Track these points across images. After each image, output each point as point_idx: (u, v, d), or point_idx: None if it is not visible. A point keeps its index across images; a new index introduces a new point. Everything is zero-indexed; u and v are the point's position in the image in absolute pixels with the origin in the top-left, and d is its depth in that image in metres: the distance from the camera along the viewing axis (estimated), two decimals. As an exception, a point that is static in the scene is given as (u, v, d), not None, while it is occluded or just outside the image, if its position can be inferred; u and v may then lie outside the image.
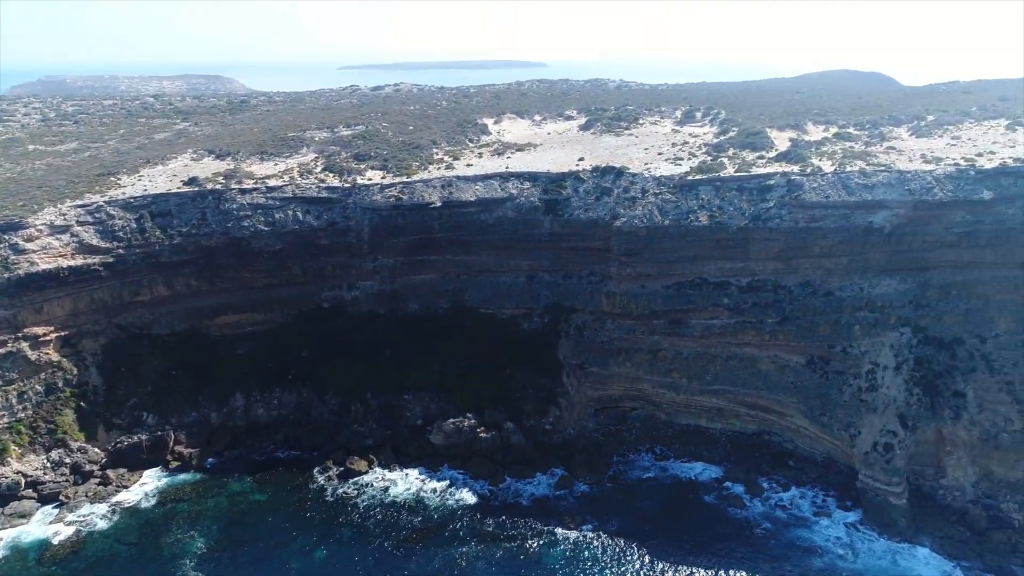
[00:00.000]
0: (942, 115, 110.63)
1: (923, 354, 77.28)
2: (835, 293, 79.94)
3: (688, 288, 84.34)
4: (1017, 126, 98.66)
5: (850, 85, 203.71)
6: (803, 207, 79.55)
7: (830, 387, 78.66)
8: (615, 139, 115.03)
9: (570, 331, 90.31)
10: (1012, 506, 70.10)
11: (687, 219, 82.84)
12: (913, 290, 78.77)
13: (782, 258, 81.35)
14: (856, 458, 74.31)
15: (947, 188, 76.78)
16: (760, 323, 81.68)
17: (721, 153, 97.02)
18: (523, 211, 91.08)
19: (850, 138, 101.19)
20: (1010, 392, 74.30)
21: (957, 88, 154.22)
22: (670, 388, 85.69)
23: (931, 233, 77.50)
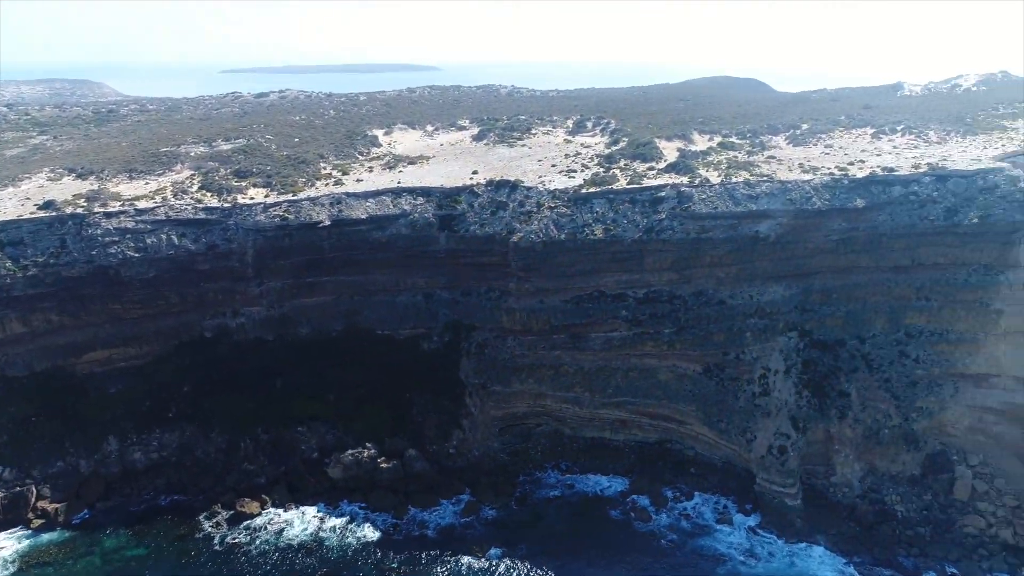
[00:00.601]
0: (815, 123, 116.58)
1: (810, 357, 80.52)
2: (727, 301, 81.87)
3: (587, 302, 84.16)
4: (881, 135, 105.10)
5: (729, 92, 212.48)
6: (693, 218, 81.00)
7: (726, 393, 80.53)
8: (509, 150, 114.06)
9: (471, 349, 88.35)
10: (895, 498, 74.04)
11: (583, 233, 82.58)
12: (798, 296, 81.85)
13: (676, 268, 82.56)
14: (753, 462, 76.40)
15: (824, 197, 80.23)
16: (658, 334, 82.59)
17: (613, 164, 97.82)
18: (417, 228, 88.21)
19: (733, 147, 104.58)
20: (888, 389, 78.63)
21: (825, 96, 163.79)
22: (573, 403, 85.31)
23: (812, 240, 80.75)
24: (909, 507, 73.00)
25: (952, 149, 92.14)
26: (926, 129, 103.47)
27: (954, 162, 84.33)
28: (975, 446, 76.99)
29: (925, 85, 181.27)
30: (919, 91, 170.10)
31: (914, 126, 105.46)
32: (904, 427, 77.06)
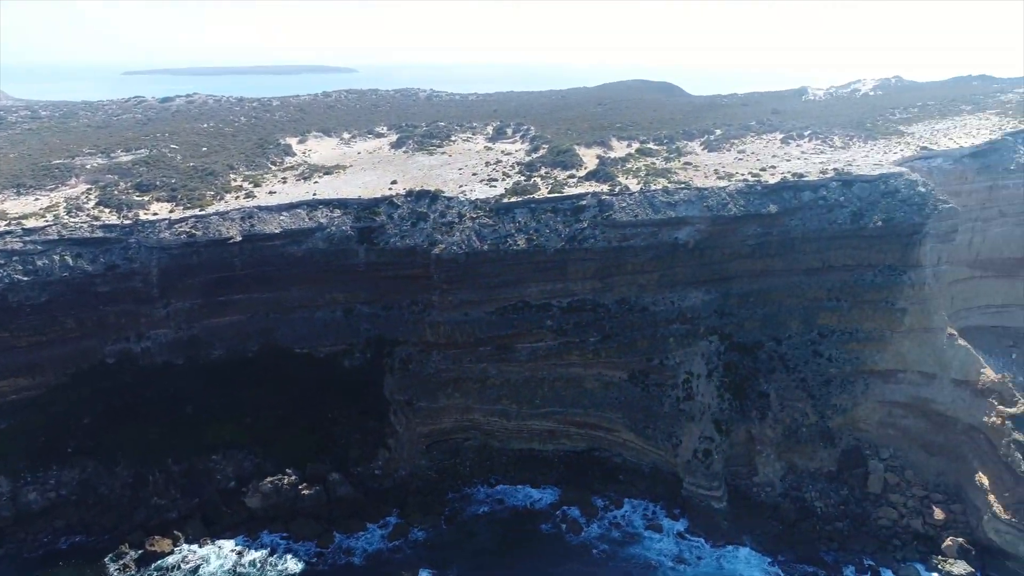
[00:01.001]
0: (728, 129, 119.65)
1: (730, 360, 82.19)
2: (650, 308, 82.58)
3: (511, 313, 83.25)
4: (790, 139, 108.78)
5: (645, 95, 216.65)
6: (615, 226, 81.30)
7: (651, 400, 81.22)
8: (428, 159, 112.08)
9: (395, 365, 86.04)
10: (814, 495, 76.36)
11: (505, 243, 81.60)
12: (717, 300, 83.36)
13: (599, 277, 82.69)
14: (680, 466, 77.27)
15: (739, 203, 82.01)
16: (583, 343, 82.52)
17: (534, 172, 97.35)
18: (335, 241, 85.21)
19: (651, 154, 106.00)
20: (804, 388, 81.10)
21: (736, 100, 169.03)
22: (501, 415, 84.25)
23: (729, 246, 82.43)
24: (828, 503, 75.43)
25: (856, 154, 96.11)
26: (831, 134, 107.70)
27: (858, 167, 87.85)
28: (886, 439, 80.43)
29: (827, 89, 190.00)
30: (822, 95, 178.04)
31: (820, 131, 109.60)
32: (820, 425, 79.64)
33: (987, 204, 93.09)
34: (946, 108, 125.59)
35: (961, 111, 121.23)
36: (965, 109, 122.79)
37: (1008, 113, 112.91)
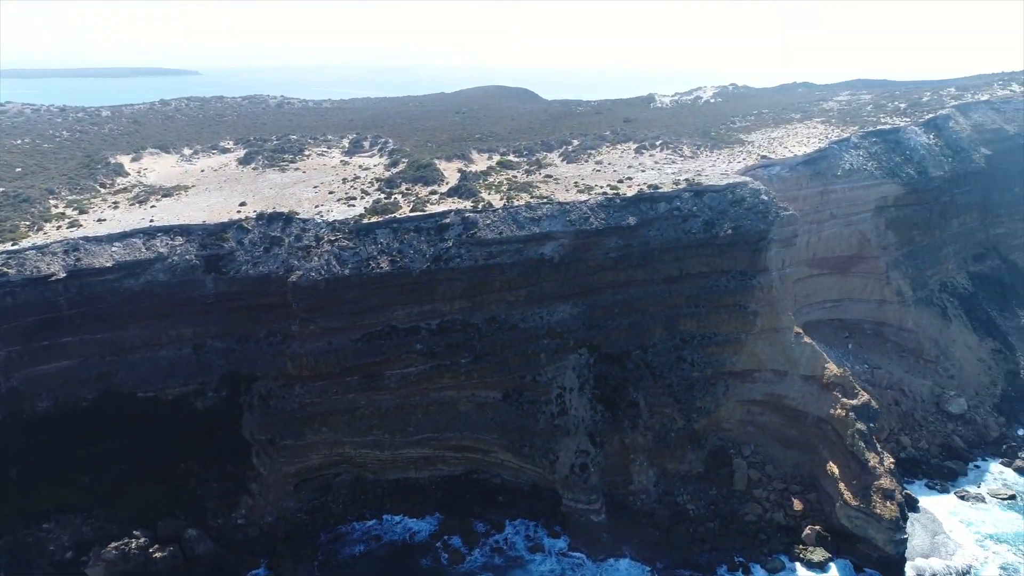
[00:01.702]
0: (584, 139, 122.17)
1: (601, 371, 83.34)
2: (519, 325, 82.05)
3: (379, 338, 79.86)
4: (643, 149, 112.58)
5: (503, 102, 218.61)
6: (480, 244, 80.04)
7: (526, 417, 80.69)
8: (280, 176, 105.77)
9: (254, 403, 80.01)
10: (686, 497, 78.95)
11: (368, 266, 78.12)
12: (585, 312, 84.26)
13: (467, 296, 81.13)
14: (558, 482, 77.25)
15: (600, 216, 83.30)
16: (455, 365, 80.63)
17: (394, 189, 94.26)
18: (178, 272, 77.87)
19: (512, 166, 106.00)
20: (671, 393, 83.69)
21: (590, 109, 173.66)
22: (373, 446, 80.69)
23: (592, 259, 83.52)
24: (699, 504, 78.25)
25: (704, 163, 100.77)
26: (680, 144, 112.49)
27: (707, 177, 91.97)
28: (747, 437, 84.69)
29: (673, 97, 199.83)
30: (669, 103, 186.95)
31: (670, 141, 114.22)
32: (688, 428, 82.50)
33: (820, 207, 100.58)
34: (779, 116, 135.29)
35: (792, 119, 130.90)
36: (795, 117, 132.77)
37: (831, 122, 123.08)
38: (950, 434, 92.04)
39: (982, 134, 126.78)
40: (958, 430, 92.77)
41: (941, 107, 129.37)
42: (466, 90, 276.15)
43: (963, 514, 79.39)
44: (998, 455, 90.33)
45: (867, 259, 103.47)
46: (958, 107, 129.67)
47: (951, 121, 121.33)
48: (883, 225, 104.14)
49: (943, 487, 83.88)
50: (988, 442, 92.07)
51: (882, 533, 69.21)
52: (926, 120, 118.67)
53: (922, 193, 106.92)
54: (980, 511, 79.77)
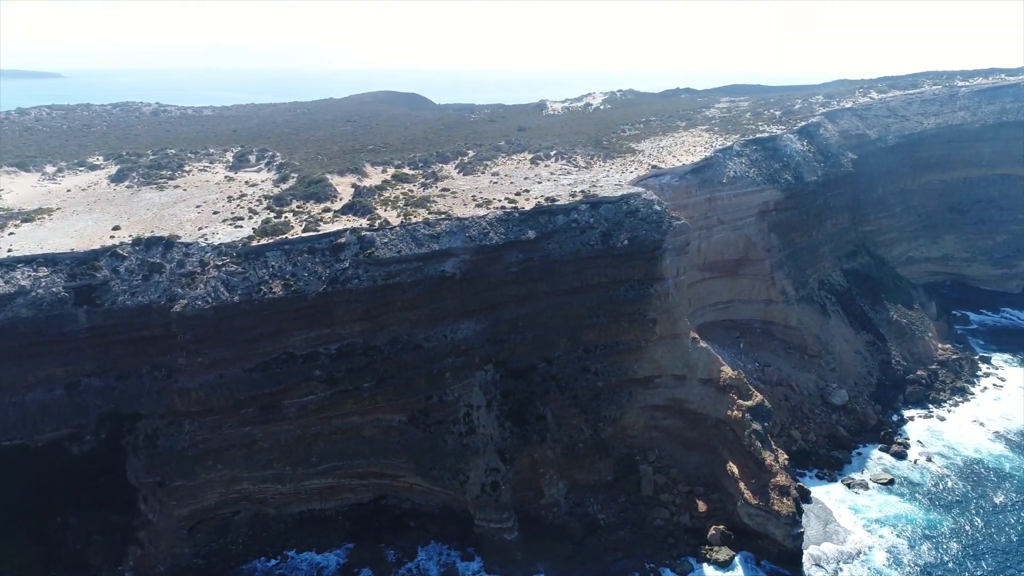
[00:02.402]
0: (479, 150, 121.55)
1: (507, 387, 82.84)
2: (423, 345, 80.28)
3: (275, 367, 75.91)
4: (539, 160, 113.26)
5: (394, 109, 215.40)
6: (379, 264, 77.73)
7: (434, 439, 79.05)
8: (158, 195, 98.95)
9: (139, 444, 74.18)
10: (597, 507, 79.78)
11: (259, 292, 74.13)
12: (489, 328, 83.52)
13: (367, 318, 78.53)
14: (470, 503, 76.12)
15: (500, 231, 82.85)
16: (357, 390, 77.87)
17: (285, 207, 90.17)
18: (45, 306, 71.12)
19: (408, 179, 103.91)
20: (577, 404, 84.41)
21: (484, 117, 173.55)
22: (274, 480, 76.71)
23: (494, 274, 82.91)
24: (609, 513, 79.26)
25: (598, 174, 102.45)
26: (574, 154, 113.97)
27: (602, 188, 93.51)
28: (652, 442, 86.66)
29: (564, 103, 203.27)
30: (560, 109, 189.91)
31: (564, 151, 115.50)
32: (595, 438, 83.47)
33: (708, 214, 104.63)
34: (666, 124, 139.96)
35: (678, 127, 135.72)
36: (680, 125, 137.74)
37: (714, 130, 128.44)
38: (835, 424, 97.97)
39: (848, 140, 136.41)
40: (841, 420, 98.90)
41: (812, 114, 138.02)
42: (356, 96, 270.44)
43: (850, 501, 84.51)
44: (877, 441, 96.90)
45: (753, 261, 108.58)
46: (826, 115, 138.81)
47: (821, 128, 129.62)
48: (766, 228, 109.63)
49: (831, 476, 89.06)
50: (868, 429, 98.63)
51: (781, 529, 72.53)
52: (799, 128, 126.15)
53: (799, 197, 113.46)
54: (865, 497, 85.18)
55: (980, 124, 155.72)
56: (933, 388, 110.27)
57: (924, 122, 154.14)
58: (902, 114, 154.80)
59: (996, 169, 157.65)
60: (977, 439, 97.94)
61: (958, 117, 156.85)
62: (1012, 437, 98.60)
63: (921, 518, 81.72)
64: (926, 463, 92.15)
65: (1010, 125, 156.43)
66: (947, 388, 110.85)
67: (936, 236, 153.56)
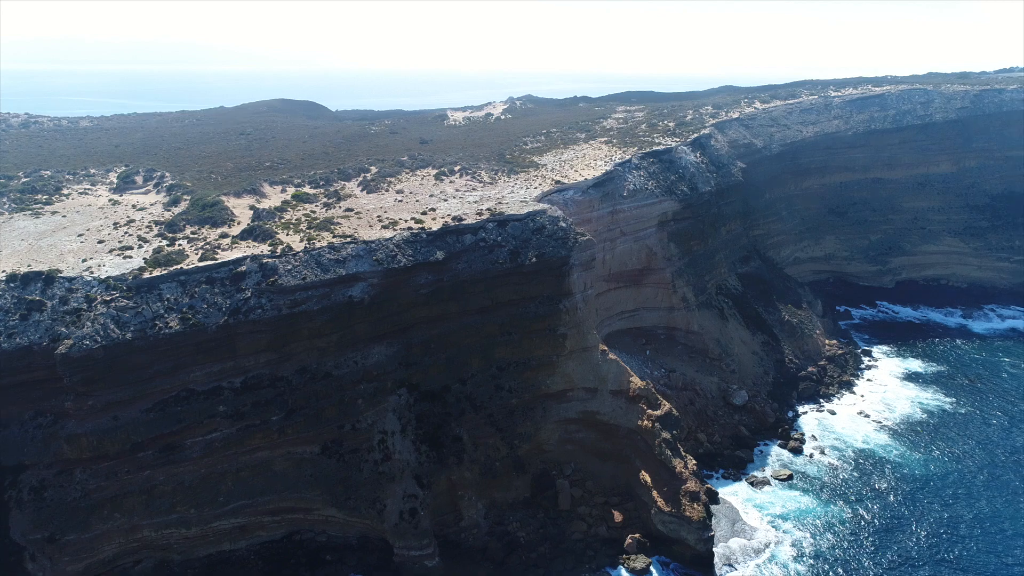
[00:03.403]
0: (382, 166, 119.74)
1: (422, 410, 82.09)
2: (333, 373, 78.29)
3: (174, 405, 71.99)
4: (443, 176, 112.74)
5: (290, 119, 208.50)
6: (283, 292, 75.19)
7: (349, 468, 77.25)
8: (33, 223, 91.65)
9: (24, 497, 68.60)
10: (516, 525, 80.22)
11: (154, 328, 70.09)
12: (401, 352, 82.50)
13: (273, 348, 75.80)
14: (388, 532, 74.84)
15: (407, 253, 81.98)
16: (265, 423, 75.00)
17: (178, 234, 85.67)
18: (-95, 355, 64.61)
19: (309, 199, 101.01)
20: (493, 423, 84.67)
21: (385, 129, 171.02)
22: (179, 524, 72.65)
23: (404, 296, 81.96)
24: (528, 530, 79.85)
25: (503, 190, 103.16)
26: (479, 169, 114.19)
27: (508, 205, 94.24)
28: (567, 456, 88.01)
29: (465, 113, 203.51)
30: (462, 120, 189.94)
31: (469, 166, 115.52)
32: (511, 455, 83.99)
33: (611, 226, 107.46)
34: (566, 136, 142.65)
35: (578, 139, 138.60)
36: (580, 137, 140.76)
37: (613, 142, 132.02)
38: (737, 425, 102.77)
39: (737, 149, 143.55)
40: (743, 420, 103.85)
41: (703, 125, 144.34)
42: (249, 104, 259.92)
43: (755, 499, 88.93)
44: (776, 438, 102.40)
45: (655, 271, 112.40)
46: (716, 125, 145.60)
47: (712, 140, 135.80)
48: (666, 238, 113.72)
49: (736, 476, 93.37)
50: (767, 427, 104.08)
51: (693, 533, 75.38)
52: (692, 140, 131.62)
53: (695, 207, 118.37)
54: (768, 494, 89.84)
55: (852, 132, 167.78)
56: (823, 383, 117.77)
57: (803, 131, 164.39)
58: (784, 123, 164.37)
59: (868, 173, 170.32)
60: (864, 430, 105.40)
61: (833, 126, 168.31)
62: (893, 426, 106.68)
63: (819, 510, 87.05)
64: (820, 456, 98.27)
65: (878, 133, 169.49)
66: (835, 383, 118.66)
67: (819, 237, 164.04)
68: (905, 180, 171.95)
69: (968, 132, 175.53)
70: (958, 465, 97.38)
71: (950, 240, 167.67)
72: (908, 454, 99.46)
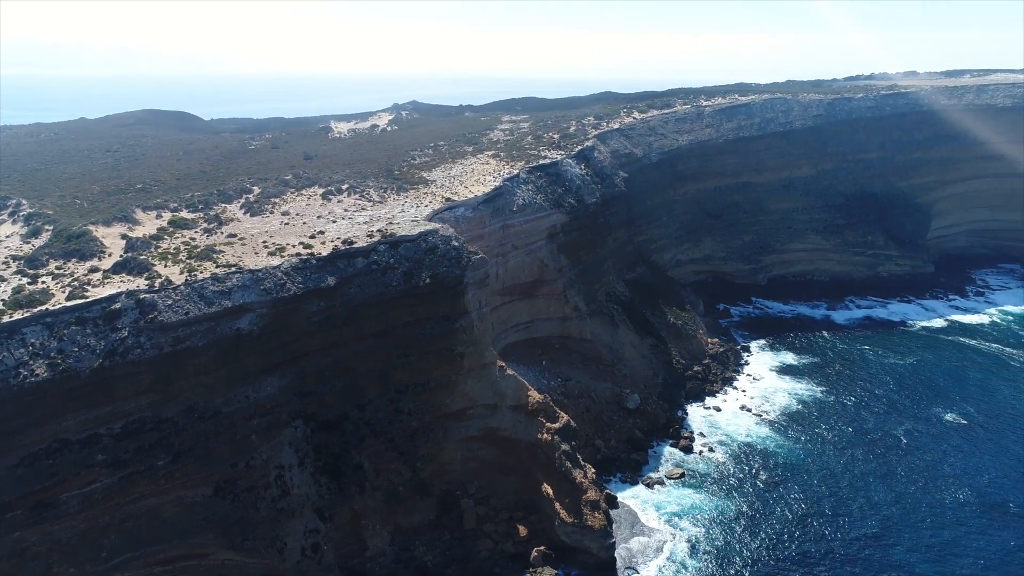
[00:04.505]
0: (265, 186, 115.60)
1: (320, 441, 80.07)
2: (223, 410, 74.96)
3: (46, 458, 66.43)
4: (331, 195, 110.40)
5: (161, 133, 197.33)
6: (164, 329, 71.26)
7: (245, 508, 74.18)
8: None
9: None
10: (423, 549, 79.91)
11: (18, 376, 64.52)
12: (295, 382, 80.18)
13: (156, 389, 71.63)
14: (290, 571, 72.68)
15: (297, 281, 79.77)
16: (151, 469, 70.65)
17: (41, 270, 79.26)
18: None
19: (187, 225, 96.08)
20: (394, 448, 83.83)
21: (266, 144, 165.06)
22: (56, 587, 67.26)
23: (295, 325, 79.70)
24: (435, 553, 79.68)
25: (394, 209, 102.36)
26: (367, 187, 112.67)
27: (399, 225, 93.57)
28: (470, 474, 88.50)
29: (349, 124, 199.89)
30: (346, 132, 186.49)
31: (356, 184, 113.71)
32: (415, 479, 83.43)
33: (503, 241, 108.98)
34: (454, 150, 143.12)
35: (466, 153, 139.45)
36: (468, 151, 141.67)
37: (501, 155, 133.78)
38: (631, 428, 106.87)
39: (619, 159, 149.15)
40: (637, 423, 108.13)
41: (586, 137, 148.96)
42: (113, 116, 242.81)
43: (652, 499, 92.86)
44: (668, 438, 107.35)
45: (548, 282, 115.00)
46: (598, 136, 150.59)
47: (596, 151, 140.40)
48: (556, 250, 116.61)
49: (633, 479, 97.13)
50: (659, 428, 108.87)
51: (595, 542, 77.82)
52: (577, 152, 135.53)
53: (582, 219, 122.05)
54: (663, 494, 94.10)
55: (723, 140, 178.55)
56: (708, 381, 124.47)
57: (679, 139, 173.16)
58: (661, 132, 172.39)
59: (739, 178, 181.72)
60: (746, 424, 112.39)
61: (705, 134, 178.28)
62: (773, 419, 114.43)
63: (711, 505, 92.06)
64: (709, 453, 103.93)
65: (745, 140, 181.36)
66: (718, 380, 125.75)
67: (698, 240, 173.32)
68: (772, 183, 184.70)
69: (824, 137, 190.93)
70: (829, 450, 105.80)
71: (813, 238, 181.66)
72: (786, 444, 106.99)
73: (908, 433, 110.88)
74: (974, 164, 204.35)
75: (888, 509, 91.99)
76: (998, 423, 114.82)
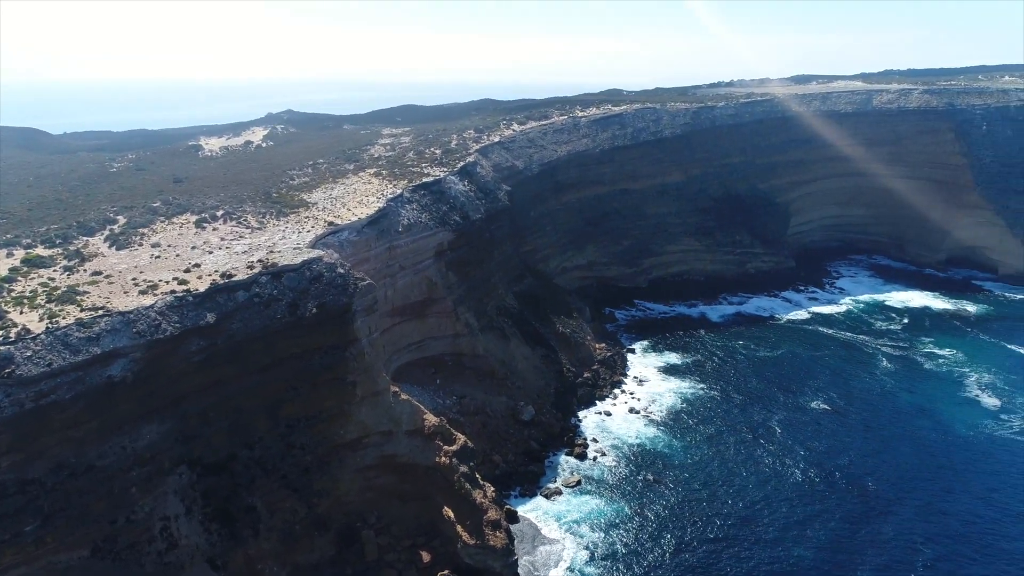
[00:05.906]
0: (132, 215, 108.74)
1: (207, 485, 76.53)
2: (97, 464, 69.94)
3: None
4: (205, 223, 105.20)
5: (6, 154, 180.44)
6: (23, 384, 65.69)
7: (128, 567, 69.77)
8: None
9: None
10: (324, 587, 77.99)
11: None
12: (176, 427, 76.12)
13: (18, 449, 65.79)
14: (181, 627, 69.02)
15: (173, 320, 75.70)
16: (18, 536, 64.86)
17: None
18: None
19: (44, 264, 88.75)
20: (288, 485, 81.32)
21: (130, 166, 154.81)
22: None
23: (173, 367, 75.71)
24: (336, 590, 78.13)
25: (274, 236, 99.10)
26: (244, 212, 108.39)
27: (281, 254, 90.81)
28: (369, 504, 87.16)
29: (222, 141, 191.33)
30: (218, 150, 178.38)
31: (233, 210, 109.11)
32: (311, 515, 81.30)
33: (390, 262, 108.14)
34: (335, 168, 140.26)
35: (347, 171, 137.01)
36: (349, 169, 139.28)
37: (383, 174, 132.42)
38: (527, 440, 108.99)
39: (501, 172, 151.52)
40: (532, 434, 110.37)
41: (467, 151, 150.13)
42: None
43: (551, 510, 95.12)
44: (563, 446, 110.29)
45: (438, 300, 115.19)
46: (480, 151, 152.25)
47: (478, 167, 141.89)
48: (444, 268, 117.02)
49: (532, 491, 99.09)
50: (554, 437, 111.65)
51: (498, 561, 78.90)
52: (460, 168, 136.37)
53: (468, 235, 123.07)
54: (561, 503, 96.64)
55: (599, 149, 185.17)
56: (597, 386, 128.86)
57: (558, 150, 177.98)
58: (540, 143, 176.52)
59: (616, 185, 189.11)
60: (636, 426, 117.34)
61: (583, 144, 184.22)
62: (660, 419, 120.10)
63: (608, 510, 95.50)
64: (602, 458, 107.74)
65: (620, 149, 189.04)
66: (607, 384, 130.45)
67: (580, 247, 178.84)
68: (647, 190, 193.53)
69: (691, 144, 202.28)
70: (710, 444, 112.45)
71: (687, 240, 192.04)
72: (674, 443, 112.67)
73: (780, 422, 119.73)
74: (824, 165, 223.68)
75: (757, 492, 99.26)
76: (855, 406, 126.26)
